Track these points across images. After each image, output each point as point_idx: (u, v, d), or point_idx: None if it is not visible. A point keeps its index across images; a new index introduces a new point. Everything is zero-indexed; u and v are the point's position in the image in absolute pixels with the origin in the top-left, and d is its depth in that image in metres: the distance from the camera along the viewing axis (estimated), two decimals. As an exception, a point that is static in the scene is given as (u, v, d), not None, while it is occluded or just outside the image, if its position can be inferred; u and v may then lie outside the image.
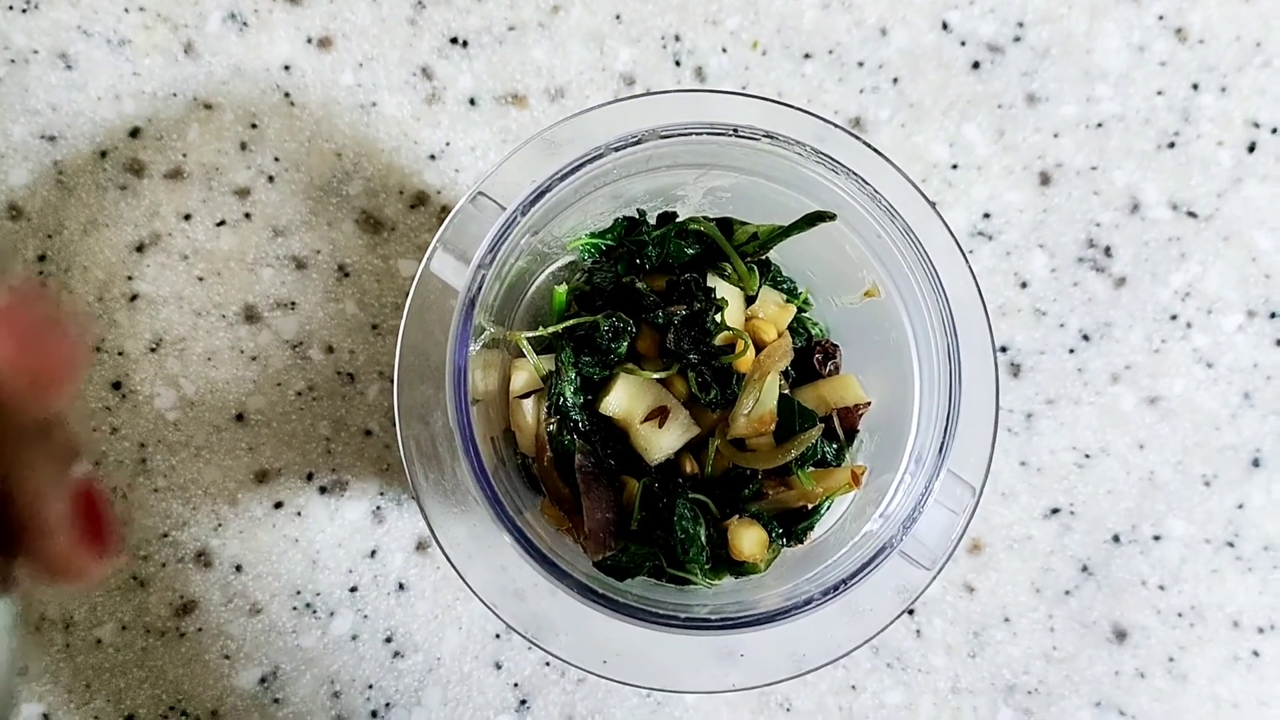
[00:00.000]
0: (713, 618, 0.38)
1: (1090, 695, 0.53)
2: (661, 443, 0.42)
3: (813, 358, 0.45)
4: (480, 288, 0.36)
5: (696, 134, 0.37)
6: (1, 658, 0.28)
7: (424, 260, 0.39)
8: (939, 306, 0.38)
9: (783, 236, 0.42)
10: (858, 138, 0.41)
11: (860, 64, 0.53)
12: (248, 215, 0.52)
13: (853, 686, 0.52)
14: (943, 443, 0.37)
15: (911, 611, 0.53)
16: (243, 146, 0.52)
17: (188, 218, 0.52)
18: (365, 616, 0.52)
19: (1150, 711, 0.53)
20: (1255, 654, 0.53)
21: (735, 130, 0.37)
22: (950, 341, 0.37)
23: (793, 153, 0.37)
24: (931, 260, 0.37)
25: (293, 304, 0.52)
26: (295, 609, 0.51)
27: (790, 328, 0.45)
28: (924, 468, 0.38)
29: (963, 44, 0.54)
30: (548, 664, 0.52)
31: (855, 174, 0.37)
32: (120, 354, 0.51)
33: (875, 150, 0.41)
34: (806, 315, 0.46)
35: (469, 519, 0.40)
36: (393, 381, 0.41)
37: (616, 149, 0.36)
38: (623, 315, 0.42)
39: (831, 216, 0.40)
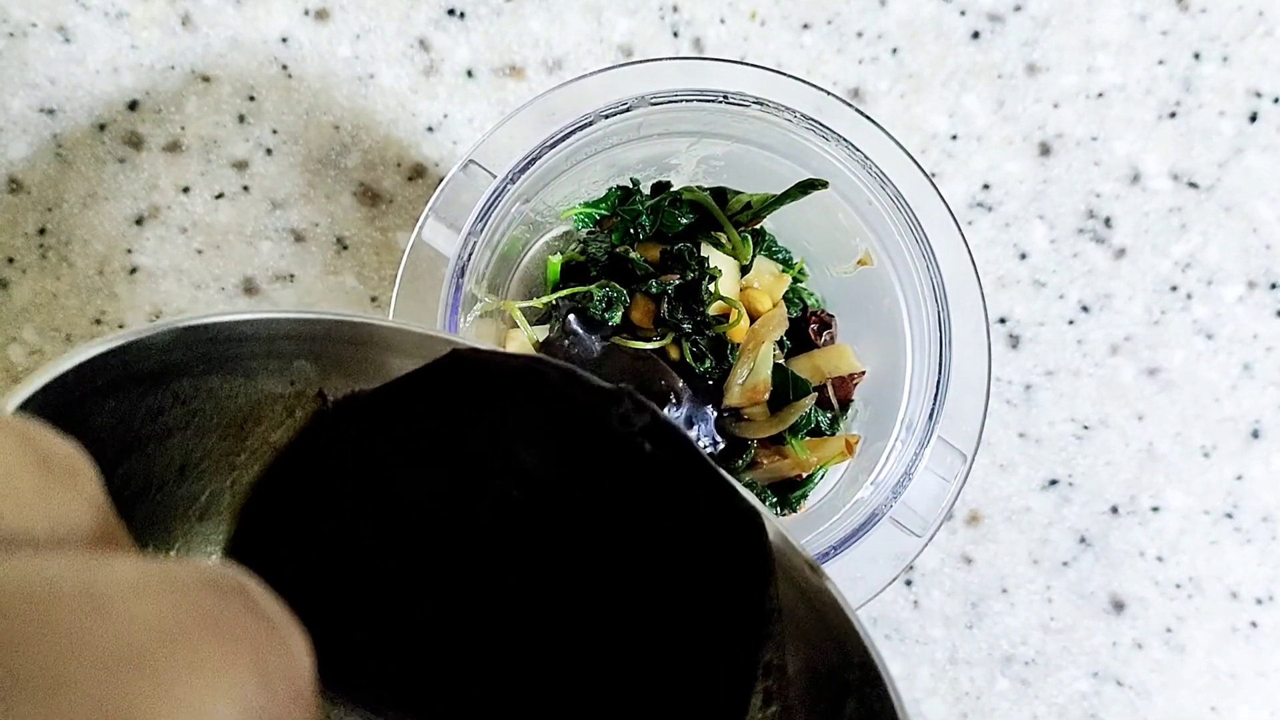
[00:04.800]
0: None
1: (1088, 666, 0.53)
2: (655, 412, 0.42)
3: (808, 328, 0.45)
4: (470, 255, 0.36)
5: (686, 101, 0.37)
6: None
7: (416, 229, 0.39)
8: (929, 272, 0.38)
9: (775, 205, 0.42)
10: (855, 108, 0.41)
11: (859, 34, 0.53)
12: (246, 188, 0.52)
13: (850, 657, 0.53)
14: (933, 409, 0.37)
15: (909, 583, 0.53)
16: (240, 119, 0.52)
17: (186, 190, 0.52)
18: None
19: (1147, 682, 0.53)
20: (1253, 625, 0.53)
21: (725, 97, 0.37)
22: (940, 307, 0.37)
23: (782, 119, 0.37)
24: (921, 225, 0.37)
25: (291, 276, 0.52)
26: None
27: (786, 298, 0.45)
28: (915, 435, 0.38)
29: (962, 13, 0.53)
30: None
31: (845, 140, 0.37)
32: (120, 327, 0.51)
33: (872, 121, 0.41)
34: (802, 285, 0.46)
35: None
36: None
37: (606, 116, 0.36)
38: (616, 285, 0.42)
39: (823, 184, 0.40)
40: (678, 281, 0.42)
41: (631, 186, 0.44)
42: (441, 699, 0.30)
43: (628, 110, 0.37)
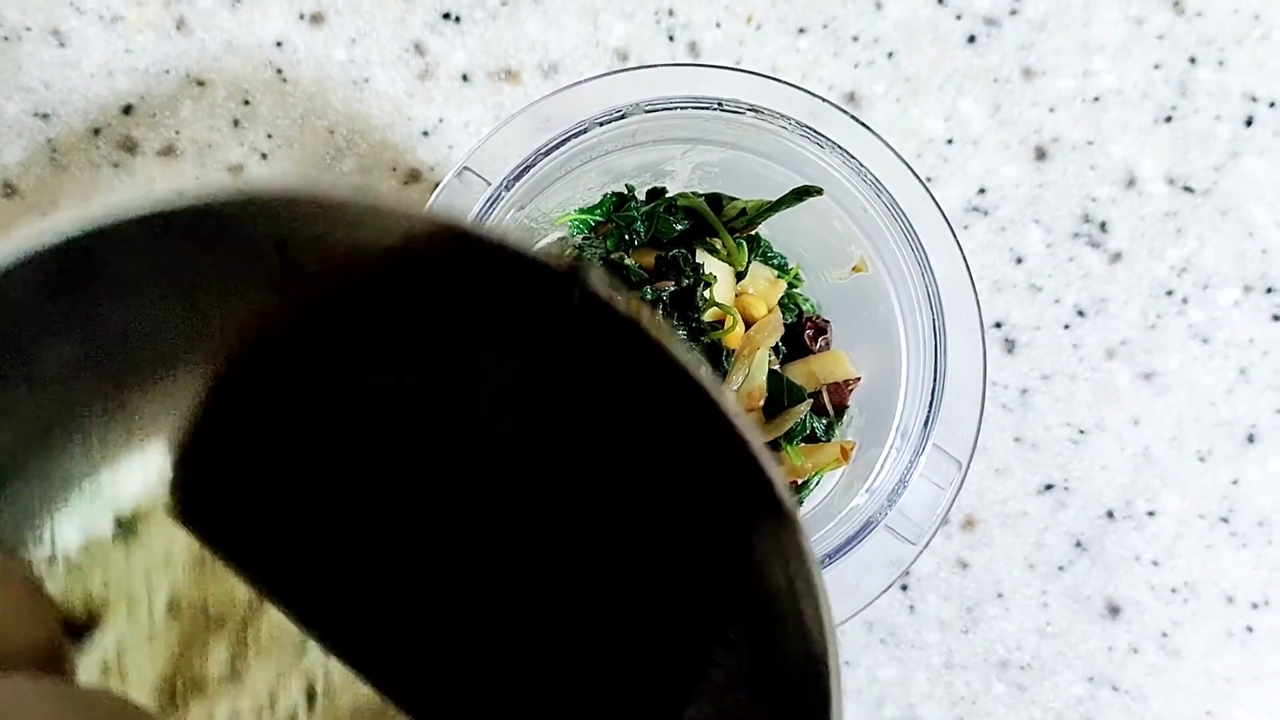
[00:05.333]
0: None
1: (1083, 670, 0.53)
2: (650, 418, 0.42)
3: (803, 334, 0.45)
4: (465, 263, 0.36)
5: (682, 108, 0.37)
6: None
7: (410, 236, 0.39)
8: (924, 279, 0.38)
9: (770, 212, 0.42)
10: (850, 114, 0.41)
11: (855, 38, 0.53)
12: (241, 192, 0.52)
13: (846, 662, 0.53)
14: (928, 417, 0.37)
15: (905, 588, 0.53)
16: (235, 124, 0.52)
17: (181, 195, 0.52)
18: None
19: (1143, 686, 0.53)
20: (1249, 629, 0.53)
21: (720, 104, 0.37)
22: (935, 314, 0.37)
23: (778, 126, 0.37)
24: (916, 233, 0.37)
25: (286, 281, 0.52)
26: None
27: (781, 303, 0.45)
28: (909, 442, 0.38)
29: (959, 17, 0.53)
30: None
31: (840, 147, 0.37)
32: (115, 331, 0.51)
33: (867, 127, 0.41)
34: (797, 291, 0.46)
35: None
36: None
37: (601, 123, 0.36)
38: (612, 291, 0.42)
39: (818, 191, 0.40)
40: (673, 288, 0.42)
41: (626, 193, 0.44)
42: (412, 628, 0.30)
43: (623, 117, 0.37)
